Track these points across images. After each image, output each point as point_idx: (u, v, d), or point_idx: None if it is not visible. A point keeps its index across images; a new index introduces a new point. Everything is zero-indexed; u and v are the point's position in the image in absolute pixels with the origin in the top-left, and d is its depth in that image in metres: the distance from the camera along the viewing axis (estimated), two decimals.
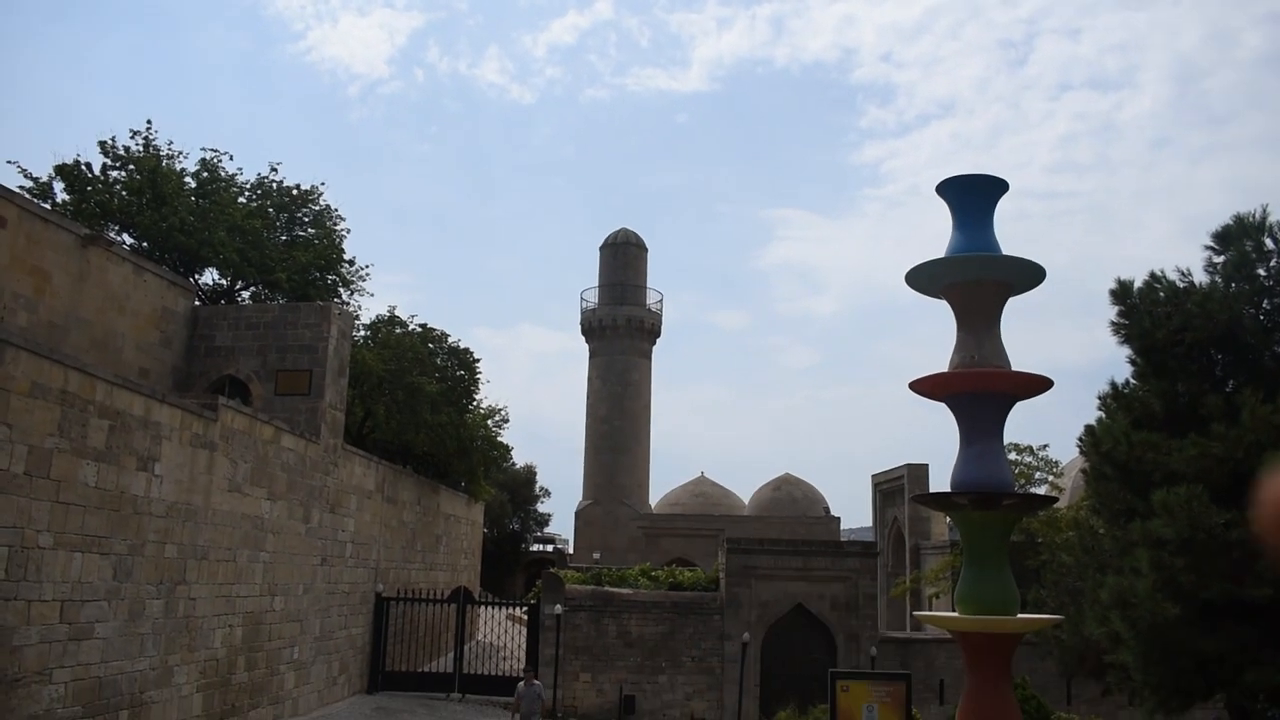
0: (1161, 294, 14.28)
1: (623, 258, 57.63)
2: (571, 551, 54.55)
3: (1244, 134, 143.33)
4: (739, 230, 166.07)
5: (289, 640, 20.08)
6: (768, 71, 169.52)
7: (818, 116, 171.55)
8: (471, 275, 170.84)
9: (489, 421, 35.49)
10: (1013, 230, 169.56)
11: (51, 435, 12.55)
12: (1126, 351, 14.73)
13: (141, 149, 24.93)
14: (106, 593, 13.69)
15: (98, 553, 13.48)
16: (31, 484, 12.16)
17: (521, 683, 20.15)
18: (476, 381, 32.35)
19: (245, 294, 26.79)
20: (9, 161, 26.70)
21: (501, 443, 36.99)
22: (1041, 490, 28.90)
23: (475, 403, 33.59)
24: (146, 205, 23.74)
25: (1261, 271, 13.96)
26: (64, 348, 15.77)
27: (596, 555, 48.58)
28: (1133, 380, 14.87)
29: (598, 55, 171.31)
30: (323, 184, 30.58)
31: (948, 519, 32.70)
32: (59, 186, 23.56)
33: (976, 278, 9.31)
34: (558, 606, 25.29)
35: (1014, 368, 9.31)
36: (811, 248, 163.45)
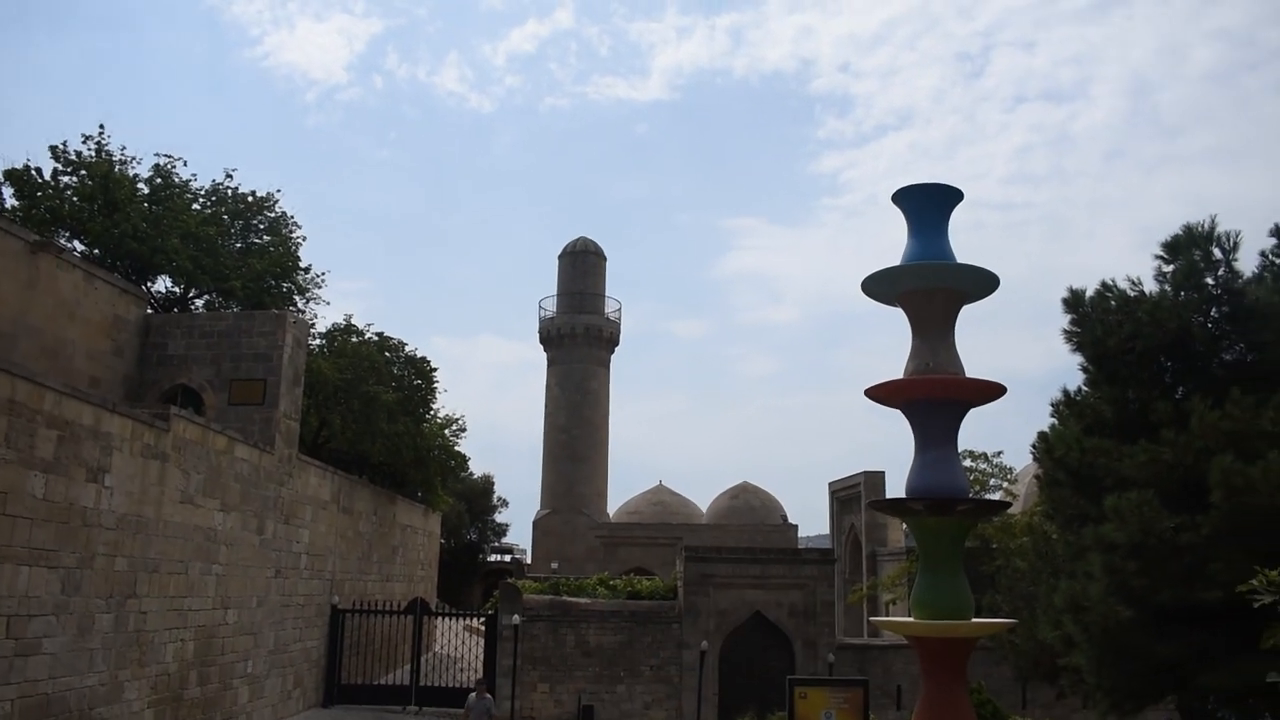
0: (1113, 303, 14.48)
1: (581, 266, 57.54)
2: (529, 561, 54.20)
3: (1194, 146, 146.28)
4: (698, 239, 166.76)
5: (242, 654, 19.79)
6: (727, 81, 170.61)
7: (776, 126, 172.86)
8: (429, 283, 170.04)
9: (446, 431, 35.25)
10: (968, 240, 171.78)
11: None
12: (1079, 359, 14.92)
13: (94, 154, 24.55)
14: (54, 607, 13.42)
15: (45, 566, 13.21)
16: None
17: (473, 694, 20.02)
18: (434, 391, 32.15)
19: (199, 302, 26.44)
20: None
21: (459, 452, 36.78)
22: (996, 496, 29.21)
23: (432, 412, 33.38)
24: (98, 211, 23.38)
25: (1210, 281, 14.19)
26: (12, 356, 15.46)
27: (554, 565, 48.34)
28: (1085, 387, 15.06)
29: (558, 64, 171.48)
30: (279, 191, 30.36)
31: (904, 525, 32.95)
32: (8, 192, 23.18)
33: (931, 285, 9.40)
34: (515, 617, 25.15)
35: (968, 375, 9.41)
36: (770, 257, 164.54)
